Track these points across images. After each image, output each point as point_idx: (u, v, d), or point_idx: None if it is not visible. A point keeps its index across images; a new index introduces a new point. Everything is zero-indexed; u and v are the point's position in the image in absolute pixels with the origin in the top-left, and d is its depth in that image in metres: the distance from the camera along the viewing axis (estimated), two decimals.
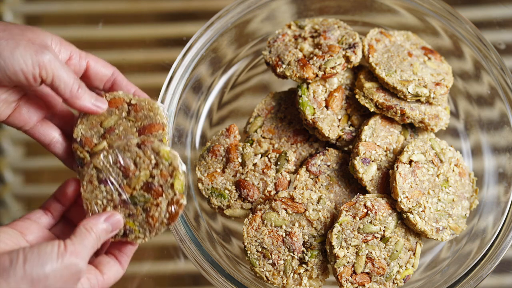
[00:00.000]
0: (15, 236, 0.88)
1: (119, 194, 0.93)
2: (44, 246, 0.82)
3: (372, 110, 1.06)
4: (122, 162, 0.93)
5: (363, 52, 1.10)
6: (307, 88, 1.08)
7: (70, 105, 0.93)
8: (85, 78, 0.97)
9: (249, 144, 1.09)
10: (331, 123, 1.08)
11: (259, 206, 1.04)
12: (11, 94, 0.93)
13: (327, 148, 1.09)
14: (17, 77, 0.87)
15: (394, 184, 1.02)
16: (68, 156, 1.00)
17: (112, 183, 0.93)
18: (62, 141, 0.99)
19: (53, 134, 0.98)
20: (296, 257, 1.02)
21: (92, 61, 0.97)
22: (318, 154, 1.09)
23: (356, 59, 1.07)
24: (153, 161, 0.93)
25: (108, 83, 0.99)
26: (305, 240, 1.02)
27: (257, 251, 1.03)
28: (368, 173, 1.04)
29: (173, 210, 0.92)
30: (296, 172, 1.09)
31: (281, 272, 1.02)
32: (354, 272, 1.00)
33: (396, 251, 1.01)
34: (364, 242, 1.01)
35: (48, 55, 0.87)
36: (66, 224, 0.96)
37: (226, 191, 1.07)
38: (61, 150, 0.99)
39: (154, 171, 0.93)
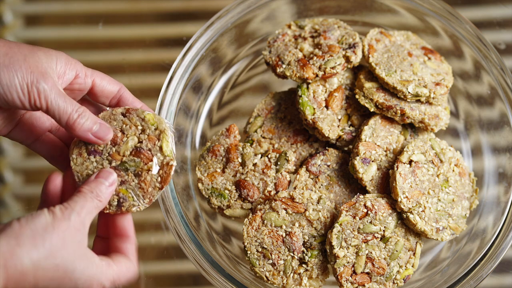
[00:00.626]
0: None
1: (110, 162, 0.93)
2: (33, 212, 0.82)
3: (372, 110, 1.06)
4: None
5: (363, 52, 1.10)
6: (307, 88, 1.08)
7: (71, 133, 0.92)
8: (91, 95, 0.97)
9: (249, 144, 1.09)
10: (331, 123, 1.08)
11: (259, 206, 1.04)
12: (12, 113, 0.93)
13: (327, 148, 1.09)
14: (15, 104, 0.87)
15: (394, 184, 1.02)
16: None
17: (101, 152, 0.93)
18: (64, 157, 0.97)
19: (54, 151, 0.97)
20: (296, 257, 1.02)
21: (98, 78, 0.96)
22: (318, 154, 1.09)
23: (356, 59, 1.07)
24: (140, 127, 0.94)
25: (114, 100, 0.98)
26: (305, 240, 1.02)
27: (257, 251, 1.03)
28: (368, 173, 1.04)
29: (164, 172, 0.93)
30: (296, 172, 1.09)
31: (281, 272, 1.02)
32: (354, 272, 1.00)
33: (396, 251, 1.01)
34: (364, 242, 1.01)
35: (45, 85, 0.86)
36: None
37: (226, 191, 1.07)
38: (63, 165, 0.98)
39: (141, 136, 0.94)
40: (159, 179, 0.93)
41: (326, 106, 1.08)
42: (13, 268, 0.78)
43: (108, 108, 0.96)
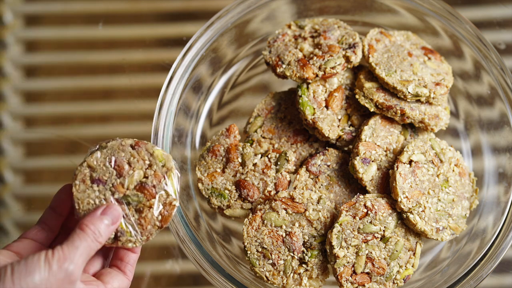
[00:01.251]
0: (10, 257, 0.87)
1: (112, 194, 0.92)
2: (31, 256, 0.82)
3: (372, 110, 1.06)
4: (116, 161, 0.93)
5: (363, 52, 1.10)
6: (307, 88, 1.08)
7: None
8: None
9: (249, 144, 1.09)
10: (331, 123, 1.08)
11: (259, 206, 1.04)
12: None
13: (327, 148, 1.09)
14: None
15: (394, 184, 1.02)
16: None
17: (105, 182, 0.92)
18: None
19: None
20: (296, 257, 1.02)
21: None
22: (318, 154, 1.09)
23: (356, 59, 1.07)
24: (147, 162, 0.93)
25: None
26: (305, 240, 1.02)
27: (257, 251, 1.03)
28: (368, 173, 1.04)
29: (165, 211, 0.92)
30: (296, 172, 1.09)
31: (281, 272, 1.02)
32: (354, 272, 1.00)
33: (396, 251, 1.01)
34: (364, 242, 1.01)
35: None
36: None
37: (226, 191, 1.07)
38: None
39: (147, 171, 0.93)
40: (159, 217, 0.92)
41: (326, 106, 1.08)
42: None
43: (118, 139, 0.94)
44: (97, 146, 0.94)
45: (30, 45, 1.38)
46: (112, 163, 0.93)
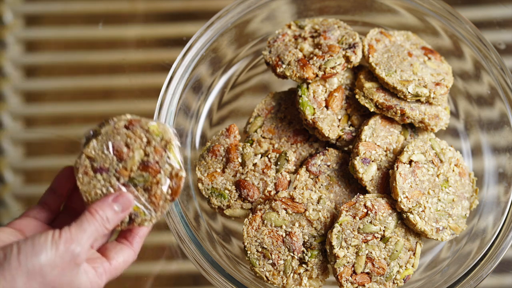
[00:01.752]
0: (13, 235, 0.88)
1: (118, 179, 0.91)
2: (38, 236, 0.82)
3: (372, 110, 1.06)
4: (113, 146, 0.91)
5: (363, 52, 1.10)
6: (307, 88, 1.08)
7: None
8: None
9: (249, 144, 1.09)
10: (331, 123, 1.08)
11: (259, 206, 1.04)
12: None
13: (327, 148, 1.09)
14: None
15: (394, 184, 1.02)
16: None
17: (108, 170, 0.91)
18: None
19: None
20: (296, 257, 1.02)
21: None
22: (318, 154, 1.09)
23: (356, 59, 1.07)
24: (144, 139, 0.91)
25: None
26: (305, 240, 1.02)
27: (257, 251, 1.03)
28: (368, 173, 1.04)
29: (174, 184, 0.91)
30: (296, 172, 1.09)
31: (281, 272, 1.02)
32: (354, 272, 1.00)
33: (396, 251, 1.01)
34: (364, 242, 1.01)
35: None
36: (74, 216, 0.93)
37: (226, 191, 1.07)
38: None
39: (147, 148, 0.91)
40: (169, 191, 0.91)
41: (326, 106, 1.08)
42: None
43: (110, 121, 0.93)
44: (91, 133, 0.92)
45: (30, 45, 1.38)
46: (110, 149, 0.91)
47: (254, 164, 1.07)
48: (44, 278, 0.81)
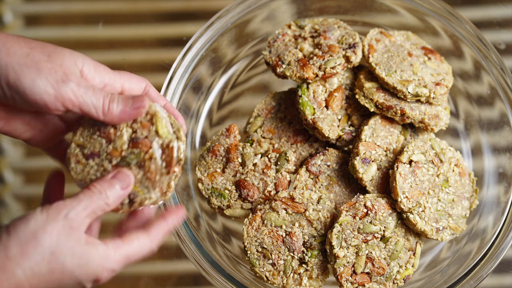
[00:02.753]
0: None
1: (110, 161, 0.89)
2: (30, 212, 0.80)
3: (372, 110, 1.06)
4: (100, 129, 0.90)
5: (363, 52, 1.10)
6: (307, 88, 1.08)
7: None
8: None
9: (249, 144, 1.09)
10: (331, 123, 1.08)
11: (259, 206, 1.04)
12: (34, 117, 0.89)
13: (327, 148, 1.09)
14: (38, 106, 0.83)
15: (394, 184, 1.02)
16: None
17: (99, 154, 0.90)
18: None
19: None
20: (296, 257, 1.02)
21: (126, 82, 0.91)
22: (318, 154, 1.09)
23: (356, 59, 1.07)
24: None
25: None
26: (305, 240, 1.02)
27: (257, 251, 1.03)
28: (368, 173, 1.04)
29: (167, 157, 0.89)
30: (296, 172, 1.09)
31: (281, 272, 1.02)
32: (354, 272, 1.00)
33: (396, 251, 1.01)
34: (364, 242, 1.01)
35: (70, 85, 0.83)
36: None
37: (226, 191, 1.07)
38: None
39: (134, 125, 0.90)
40: (163, 164, 0.89)
41: (326, 106, 1.08)
42: (6, 282, 0.77)
43: None
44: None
45: None
46: (97, 133, 0.90)
47: (254, 164, 1.07)
48: (39, 243, 0.78)
